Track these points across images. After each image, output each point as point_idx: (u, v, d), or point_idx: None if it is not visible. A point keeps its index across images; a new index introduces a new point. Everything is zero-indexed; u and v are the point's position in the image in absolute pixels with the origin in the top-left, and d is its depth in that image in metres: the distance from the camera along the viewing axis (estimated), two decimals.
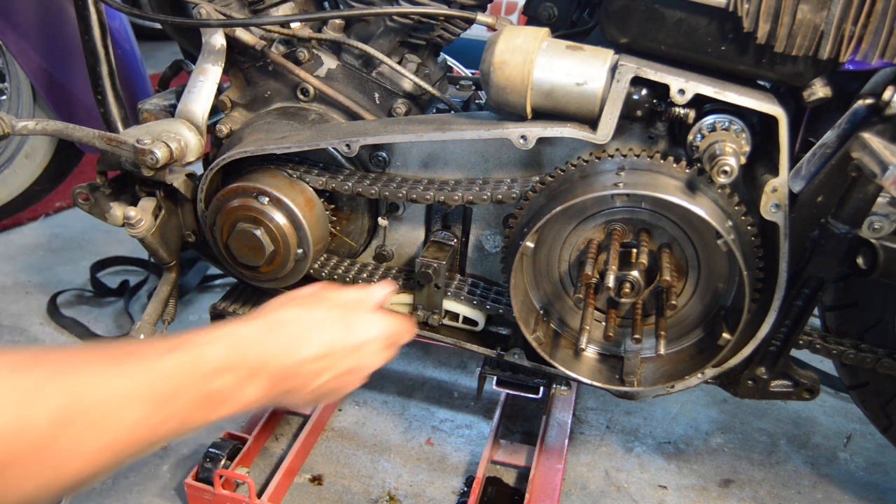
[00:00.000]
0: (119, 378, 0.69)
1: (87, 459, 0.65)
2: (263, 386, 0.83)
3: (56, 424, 0.62)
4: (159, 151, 1.24)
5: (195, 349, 0.76)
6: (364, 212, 1.34)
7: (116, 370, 0.69)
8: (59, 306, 2.00)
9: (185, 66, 1.47)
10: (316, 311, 0.92)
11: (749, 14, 0.97)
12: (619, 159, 1.12)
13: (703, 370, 1.19)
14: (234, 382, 0.79)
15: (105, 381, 0.68)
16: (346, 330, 0.93)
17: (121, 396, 0.68)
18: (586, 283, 1.11)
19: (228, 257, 1.31)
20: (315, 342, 0.89)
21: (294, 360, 0.86)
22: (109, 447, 0.67)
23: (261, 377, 0.82)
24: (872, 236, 1.06)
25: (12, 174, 1.95)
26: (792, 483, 1.59)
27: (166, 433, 0.73)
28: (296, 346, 0.87)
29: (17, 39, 1.71)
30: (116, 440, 0.68)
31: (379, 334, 0.97)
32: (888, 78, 0.97)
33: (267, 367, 0.83)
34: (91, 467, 0.66)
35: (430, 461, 1.60)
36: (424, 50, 1.34)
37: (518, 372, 1.37)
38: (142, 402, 0.69)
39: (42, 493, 0.64)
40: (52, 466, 0.63)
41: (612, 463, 1.62)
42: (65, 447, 0.63)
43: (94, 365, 0.69)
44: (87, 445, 0.65)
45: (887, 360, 1.26)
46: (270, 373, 0.83)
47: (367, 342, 0.95)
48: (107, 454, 0.67)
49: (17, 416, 0.60)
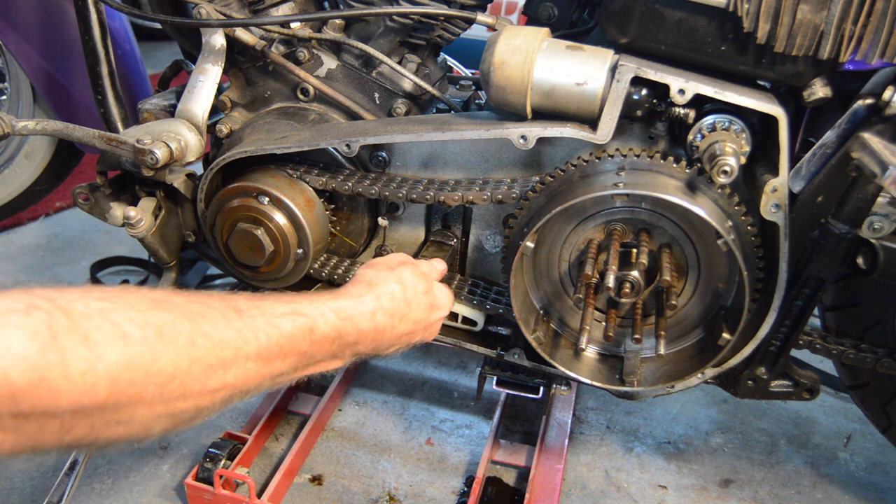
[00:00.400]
0: (240, 328, 0.73)
1: (199, 399, 0.69)
2: (356, 353, 0.94)
3: (178, 363, 0.65)
4: (159, 151, 1.24)
5: (309, 319, 0.84)
6: (364, 212, 1.34)
7: (239, 321, 0.74)
8: None
9: (185, 66, 1.47)
10: (416, 287, 1.03)
11: (749, 14, 0.97)
12: (619, 159, 1.11)
13: (703, 370, 1.19)
14: (335, 349, 0.89)
15: (227, 327, 0.72)
16: (430, 309, 1.05)
17: (239, 344, 0.72)
18: (586, 283, 1.11)
19: (228, 257, 1.31)
20: (410, 319, 1.01)
21: (389, 335, 0.98)
22: (221, 390, 0.71)
23: (357, 347, 0.93)
24: (872, 236, 1.06)
25: (12, 174, 1.95)
26: (792, 483, 1.59)
27: (271, 383, 0.80)
28: (395, 322, 0.98)
29: (17, 39, 1.71)
30: (228, 384, 0.72)
31: (447, 311, 1.12)
32: (888, 78, 0.97)
33: (366, 339, 0.94)
34: (203, 407, 0.70)
35: (430, 461, 1.60)
36: (424, 50, 1.34)
37: (518, 372, 1.37)
38: (257, 354, 0.75)
39: (154, 427, 0.67)
40: (168, 400, 0.66)
41: (612, 463, 1.62)
42: (181, 385, 0.66)
43: (219, 311, 0.73)
44: (203, 385, 0.69)
45: (887, 360, 1.26)
46: (366, 344, 0.94)
47: (438, 321, 1.09)
48: (219, 395, 0.72)
49: (149, 350, 0.63)
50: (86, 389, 0.58)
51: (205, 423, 1.65)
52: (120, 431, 0.64)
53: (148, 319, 0.64)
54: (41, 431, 0.58)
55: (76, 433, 0.60)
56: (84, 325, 0.59)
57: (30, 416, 0.56)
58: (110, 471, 1.53)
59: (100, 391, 0.59)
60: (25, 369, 0.54)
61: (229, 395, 0.73)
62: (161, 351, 0.64)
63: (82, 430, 0.61)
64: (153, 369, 0.63)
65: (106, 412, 0.61)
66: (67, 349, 0.57)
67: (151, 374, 0.63)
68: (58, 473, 1.41)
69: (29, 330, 0.55)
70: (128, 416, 0.63)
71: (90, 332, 0.59)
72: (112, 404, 0.61)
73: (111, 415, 0.62)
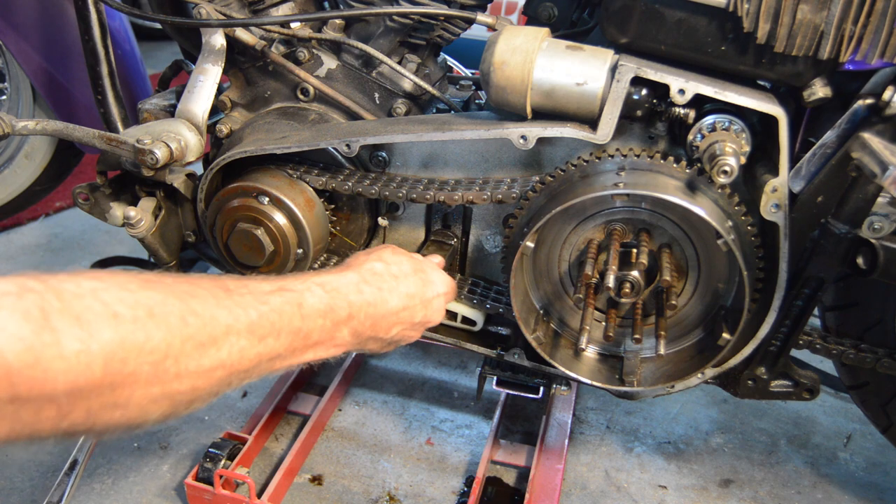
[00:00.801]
0: (230, 305, 0.74)
1: (195, 379, 0.69)
2: (352, 331, 0.92)
3: (171, 342, 0.66)
4: (159, 151, 1.24)
5: (297, 294, 0.84)
6: (364, 212, 1.34)
7: (228, 299, 0.74)
8: None
9: (185, 66, 1.47)
10: (400, 264, 1.03)
11: (749, 14, 0.97)
12: (619, 159, 1.12)
13: (703, 370, 1.19)
14: (330, 326, 0.88)
15: (217, 306, 0.72)
16: (423, 283, 1.05)
17: (230, 321, 0.73)
18: (586, 283, 1.11)
19: (228, 257, 1.31)
20: (401, 292, 1.00)
21: (382, 309, 0.97)
22: (217, 369, 0.71)
23: (353, 322, 0.92)
24: (872, 236, 1.06)
25: (12, 174, 1.95)
26: (792, 483, 1.60)
27: (270, 365, 0.80)
28: (385, 295, 0.98)
29: (17, 39, 1.71)
30: (223, 362, 0.72)
31: (445, 291, 1.11)
32: (888, 78, 0.97)
33: (359, 313, 0.93)
34: (200, 388, 0.70)
35: (430, 461, 1.60)
36: (424, 50, 1.34)
37: (518, 372, 1.37)
38: (248, 331, 0.75)
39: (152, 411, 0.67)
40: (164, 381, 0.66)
41: (612, 463, 1.62)
42: (175, 363, 0.66)
43: (208, 290, 0.73)
44: (198, 364, 0.69)
45: (887, 360, 1.26)
46: (360, 319, 0.93)
47: (436, 297, 1.08)
48: (215, 375, 0.71)
49: (141, 328, 0.63)
50: (81, 369, 0.58)
51: (205, 424, 1.66)
52: (117, 416, 0.64)
53: (138, 299, 0.64)
54: (38, 417, 0.58)
55: (73, 418, 0.60)
56: (76, 305, 0.59)
57: (27, 401, 0.56)
58: (110, 471, 1.53)
59: (95, 371, 0.59)
60: (21, 350, 0.54)
61: (226, 375, 0.73)
62: (153, 329, 0.64)
63: (79, 415, 0.60)
64: (146, 348, 0.63)
65: (102, 393, 0.61)
66: (60, 329, 0.57)
67: (145, 353, 0.63)
68: (58, 473, 1.41)
69: (21, 312, 0.55)
70: (124, 398, 0.63)
71: (82, 312, 0.59)
72: (108, 384, 0.61)
73: (108, 396, 0.61)
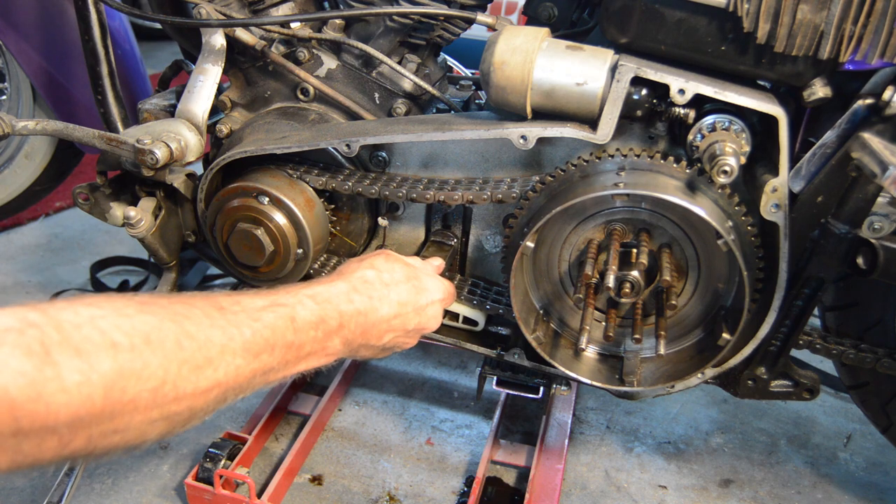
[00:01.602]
0: (224, 325, 0.74)
1: (193, 400, 0.70)
2: (343, 340, 0.93)
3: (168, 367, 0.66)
4: (159, 151, 1.24)
5: (289, 308, 0.85)
6: (364, 212, 1.34)
7: (222, 318, 0.75)
8: None
9: (185, 66, 1.47)
10: (392, 272, 1.03)
11: (749, 14, 0.97)
12: (619, 159, 1.12)
13: (703, 370, 1.19)
14: (322, 336, 0.89)
15: (211, 326, 0.73)
16: (416, 291, 1.05)
17: (224, 342, 0.73)
18: (586, 283, 1.11)
19: (228, 257, 1.31)
20: (392, 300, 1.00)
21: (373, 318, 0.97)
22: (213, 389, 0.72)
23: (343, 332, 0.93)
24: (872, 236, 1.06)
25: (12, 174, 1.95)
26: (792, 483, 1.59)
27: (265, 378, 0.81)
28: (375, 304, 0.98)
29: (17, 39, 1.71)
30: (219, 382, 0.72)
31: (440, 297, 1.10)
32: (888, 78, 0.97)
33: (350, 322, 0.94)
34: (197, 408, 0.71)
35: (430, 461, 1.60)
36: (424, 50, 1.34)
37: (518, 372, 1.37)
38: (243, 349, 0.76)
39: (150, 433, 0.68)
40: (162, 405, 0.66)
41: (612, 463, 1.62)
42: (173, 388, 0.67)
43: (202, 310, 0.73)
44: (195, 386, 0.69)
45: (887, 360, 1.26)
46: (351, 328, 0.94)
47: (430, 304, 1.08)
48: (212, 395, 0.72)
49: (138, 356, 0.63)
50: (82, 400, 0.59)
51: (205, 424, 1.65)
52: (117, 440, 0.64)
53: (135, 325, 0.65)
54: (40, 448, 0.58)
55: (74, 446, 0.61)
56: (75, 336, 0.60)
57: (29, 433, 0.57)
58: (110, 471, 1.53)
59: (96, 401, 0.60)
60: (24, 385, 0.55)
61: (222, 393, 0.73)
62: (150, 356, 0.64)
63: (80, 443, 0.61)
64: (144, 374, 0.63)
65: (103, 422, 0.61)
66: (61, 363, 0.58)
67: (143, 380, 0.63)
68: (58, 473, 1.41)
69: (23, 348, 0.56)
70: (124, 424, 0.64)
71: (81, 342, 0.60)
72: (108, 413, 0.61)
73: (108, 424, 0.62)
